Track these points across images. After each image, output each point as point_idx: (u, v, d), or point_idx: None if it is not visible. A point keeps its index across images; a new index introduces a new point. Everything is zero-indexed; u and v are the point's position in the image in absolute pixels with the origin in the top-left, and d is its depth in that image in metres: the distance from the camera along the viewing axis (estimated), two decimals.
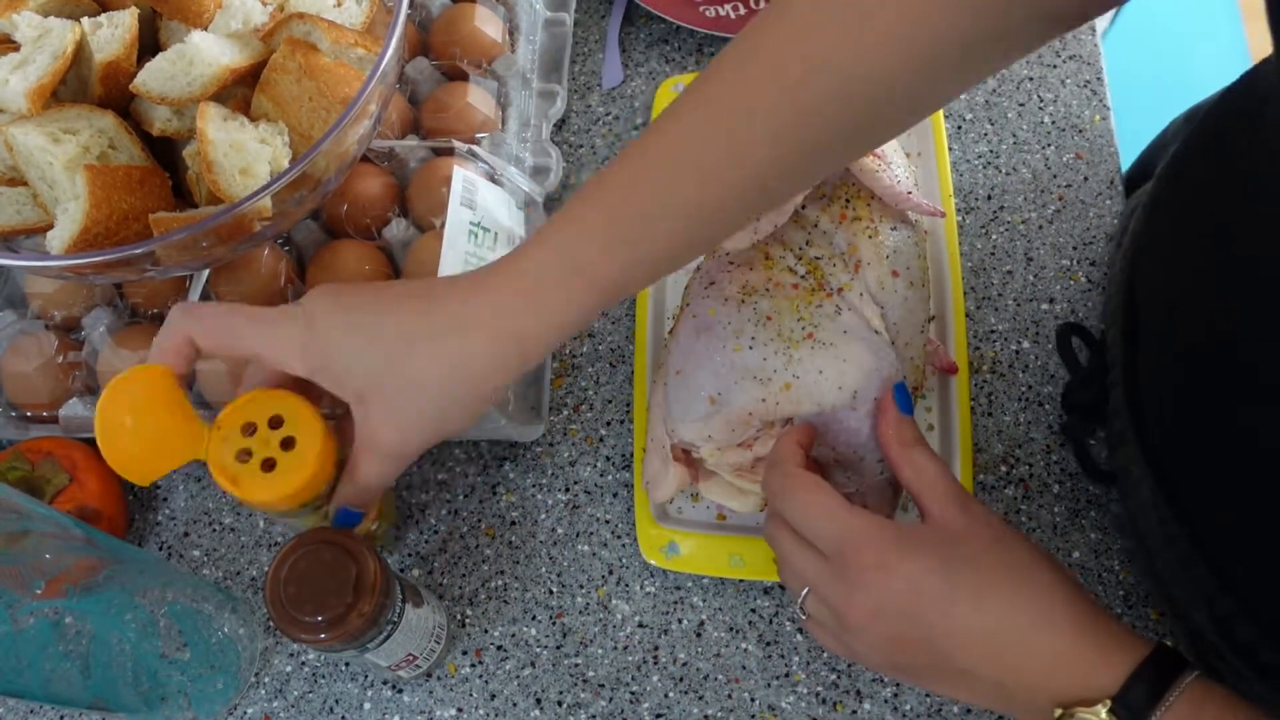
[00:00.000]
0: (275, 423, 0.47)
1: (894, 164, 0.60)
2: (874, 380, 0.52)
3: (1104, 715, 0.41)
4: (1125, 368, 0.52)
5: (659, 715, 0.57)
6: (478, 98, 0.68)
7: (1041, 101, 0.72)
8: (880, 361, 0.53)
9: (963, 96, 0.73)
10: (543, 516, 0.63)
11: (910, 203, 0.59)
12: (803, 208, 0.58)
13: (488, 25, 0.71)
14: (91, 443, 0.63)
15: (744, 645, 0.58)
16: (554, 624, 0.60)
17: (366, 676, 0.60)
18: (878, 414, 0.51)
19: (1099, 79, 0.73)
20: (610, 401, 0.65)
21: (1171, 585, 0.51)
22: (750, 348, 0.53)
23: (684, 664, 0.58)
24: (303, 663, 0.60)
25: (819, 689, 0.57)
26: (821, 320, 0.53)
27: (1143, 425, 0.50)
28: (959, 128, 0.72)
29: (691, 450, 0.57)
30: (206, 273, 0.62)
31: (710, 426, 0.54)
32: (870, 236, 0.57)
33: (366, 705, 0.59)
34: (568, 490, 0.63)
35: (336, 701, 0.59)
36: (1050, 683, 0.42)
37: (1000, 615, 0.43)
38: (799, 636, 0.58)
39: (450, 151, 0.66)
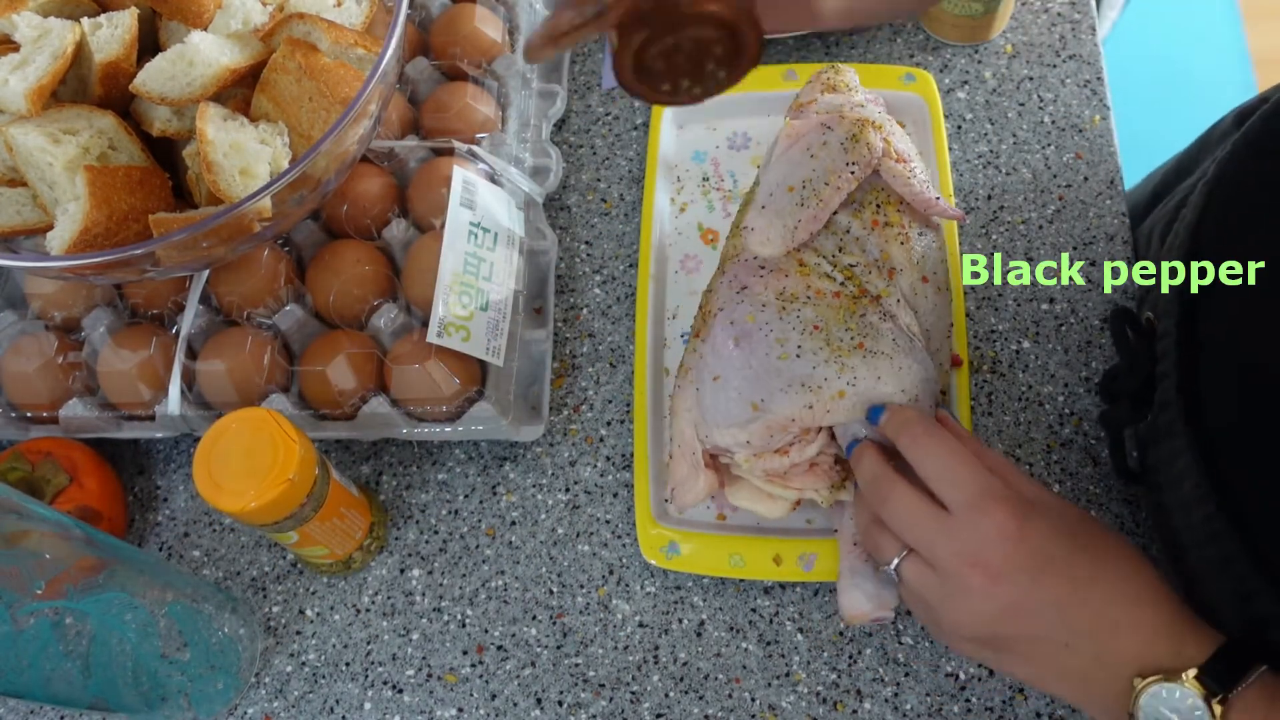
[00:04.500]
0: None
1: (918, 169, 0.60)
2: (927, 386, 0.53)
3: (1192, 679, 0.42)
4: (1179, 359, 0.52)
5: (659, 715, 0.57)
6: (478, 98, 0.68)
7: (1041, 101, 0.72)
8: (927, 368, 0.54)
9: (962, 96, 0.73)
10: (543, 516, 0.63)
11: (938, 208, 0.59)
12: (834, 213, 0.59)
13: (488, 25, 0.71)
14: (91, 443, 0.63)
15: (744, 645, 0.58)
16: (554, 624, 0.60)
17: (367, 676, 0.60)
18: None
19: (1099, 79, 0.73)
20: (610, 401, 0.65)
21: (1203, 584, 0.51)
22: (798, 356, 0.53)
23: (684, 664, 0.58)
24: (303, 663, 0.60)
25: (819, 688, 0.57)
26: (868, 330, 0.54)
27: (1197, 418, 0.50)
28: (959, 128, 0.72)
29: (722, 456, 0.57)
30: (206, 273, 0.62)
31: (749, 432, 0.54)
32: (902, 243, 0.58)
33: (367, 705, 0.59)
34: (568, 490, 0.63)
35: (337, 701, 0.59)
36: (1143, 655, 0.43)
37: (1112, 584, 0.45)
38: (799, 636, 0.58)
39: (450, 151, 0.66)
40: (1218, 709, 0.41)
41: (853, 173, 0.58)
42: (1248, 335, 0.48)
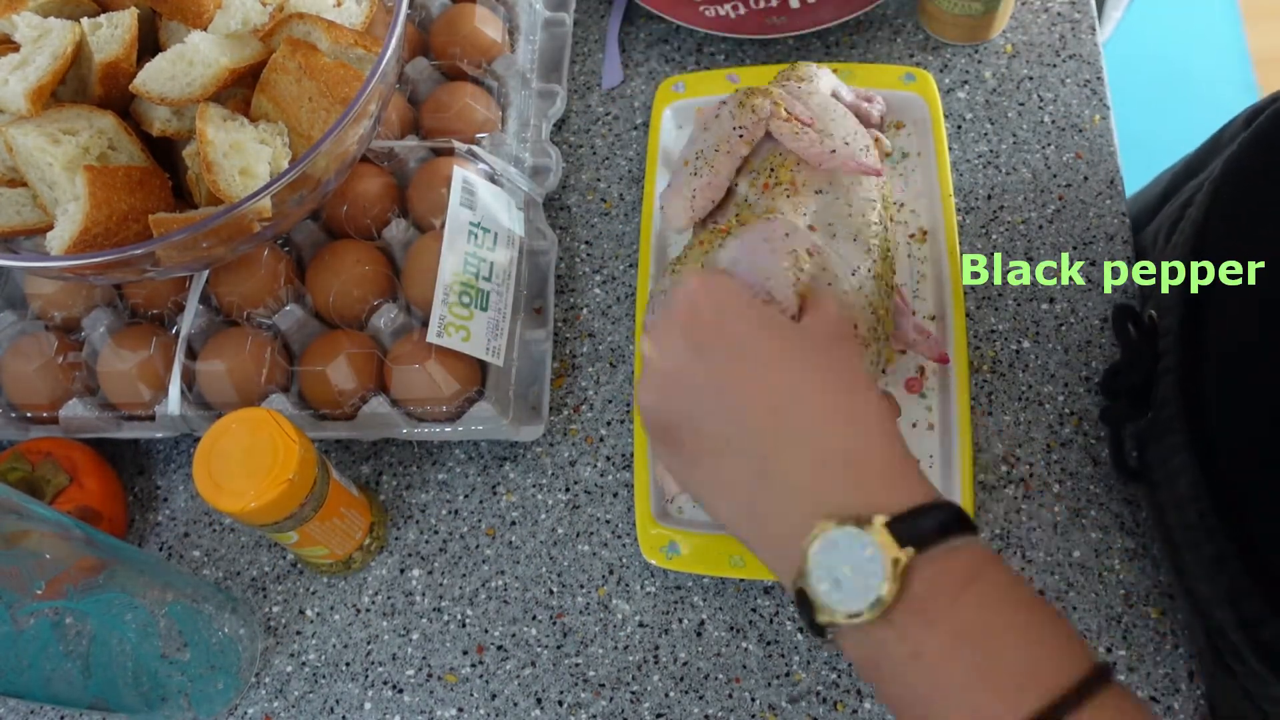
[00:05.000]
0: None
1: (829, 128, 0.59)
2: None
3: (880, 526, 0.36)
4: (1181, 356, 0.52)
5: (660, 715, 0.57)
6: (477, 98, 0.68)
7: (1041, 101, 0.72)
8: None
9: (962, 96, 0.73)
10: (543, 516, 0.63)
11: (834, 161, 0.58)
12: (735, 185, 0.60)
13: (488, 25, 0.71)
14: (91, 443, 0.63)
15: (744, 645, 0.58)
16: (554, 624, 0.60)
17: (367, 676, 0.60)
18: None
19: (1099, 79, 0.73)
20: (610, 401, 0.65)
21: (1197, 581, 0.51)
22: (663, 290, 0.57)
23: (684, 664, 0.58)
24: (303, 663, 0.60)
25: (819, 688, 0.57)
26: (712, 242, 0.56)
27: (1196, 416, 0.50)
28: (959, 128, 0.72)
29: None
30: (206, 273, 0.62)
31: None
32: (788, 196, 0.57)
33: (367, 705, 0.59)
34: (568, 490, 0.63)
35: (337, 702, 0.59)
36: (834, 490, 0.37)
37: (823, 396, 0.39)
38: (799, 636, 0.58)
39: (450, 151, 0.66)
40: (899, 563, 0.35)
41: (740, 135, 0.59)
42: (1250, 334, 0.48)
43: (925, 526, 0.36)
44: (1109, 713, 0.33)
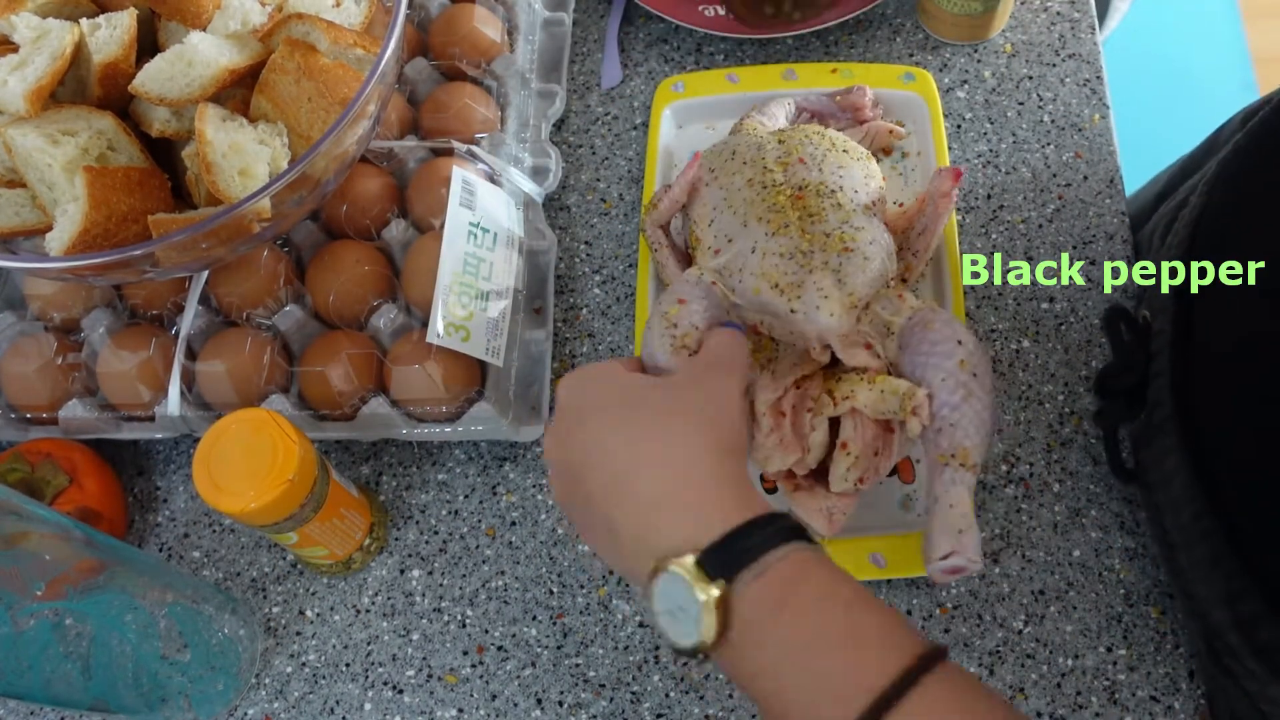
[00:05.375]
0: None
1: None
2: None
3: (690, 563, 0.38)
4: (1173, 357, 0.52)
5: (660, 715, 0.57)
6: (477, 98, 0.68)
7: (1041, 100, 0.72)
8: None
9: (962, 95, 0.73)
10: (543, 516, 0.63)
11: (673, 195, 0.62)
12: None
13: (487, 25, 0.71)
14: (91, 444, 0.63)
15: None
16: (554, 624, 0.60)
17: (367, 676, 0.60)
18: None
19: (1099, 78, 0.73)
20: None
21: (1193, 583, 0.51)
22: None
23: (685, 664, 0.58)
24: (303, 664, 0.60)
25: None
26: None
27: (1188, 417, 0.50)
28: (959, 127, 0.72)
29: None
30: (206, 274, 0.62)
31: None
32: (696, 254, 0.60)
33: (367, 706, 0.59)
34: None
35: (337, 702, 0.59)
36: (674, 534, 0.40)
37: (661, 452, 0.42)
38: None
39: (449, 152, 0.66)
40: (712, 595, 0.37)
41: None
42: (1242, 335, 0.48)
43: (733, 554, 0.38)
44: (934, 699, 0.35)
